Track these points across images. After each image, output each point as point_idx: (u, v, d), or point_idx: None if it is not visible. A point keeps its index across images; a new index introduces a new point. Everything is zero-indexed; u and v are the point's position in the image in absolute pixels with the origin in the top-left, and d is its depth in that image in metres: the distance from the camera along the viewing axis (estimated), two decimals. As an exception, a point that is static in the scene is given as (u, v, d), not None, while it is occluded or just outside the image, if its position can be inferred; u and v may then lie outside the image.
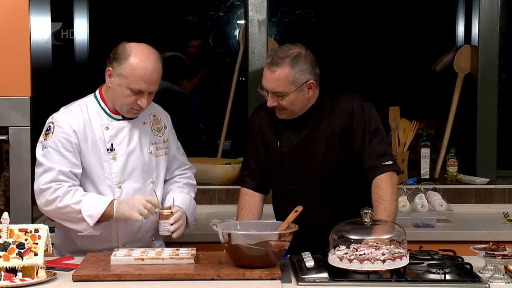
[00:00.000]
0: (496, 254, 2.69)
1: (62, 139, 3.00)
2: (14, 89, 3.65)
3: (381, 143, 3.10)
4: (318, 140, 3.12)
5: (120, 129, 3.08)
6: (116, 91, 3.01)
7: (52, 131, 3.02)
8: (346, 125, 3.10)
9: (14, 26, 3.66)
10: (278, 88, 3.02)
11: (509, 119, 5.04)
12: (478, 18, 4.55)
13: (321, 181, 3.13)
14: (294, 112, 3.09)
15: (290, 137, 3.15)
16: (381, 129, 3.15)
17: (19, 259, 2.57)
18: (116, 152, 3.06)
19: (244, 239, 2.69)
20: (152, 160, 3.14)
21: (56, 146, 3.00)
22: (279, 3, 5.41)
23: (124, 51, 2.98)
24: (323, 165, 3.11)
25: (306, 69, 3.02)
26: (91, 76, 4.88)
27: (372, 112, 3.13)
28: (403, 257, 2.64)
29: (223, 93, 5.03)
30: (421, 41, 5.35)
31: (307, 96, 3.07)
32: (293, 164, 3.16)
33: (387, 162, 3.08)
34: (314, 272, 2.69)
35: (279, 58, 3.01)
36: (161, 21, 5.55)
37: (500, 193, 4.36)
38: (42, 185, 2.97)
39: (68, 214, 2.97)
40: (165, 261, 2.76)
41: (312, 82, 3.05)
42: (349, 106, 3.11)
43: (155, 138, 3.16)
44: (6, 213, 2.67)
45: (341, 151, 3.11)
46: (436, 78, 5.11)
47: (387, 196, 3.03)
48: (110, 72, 3.02)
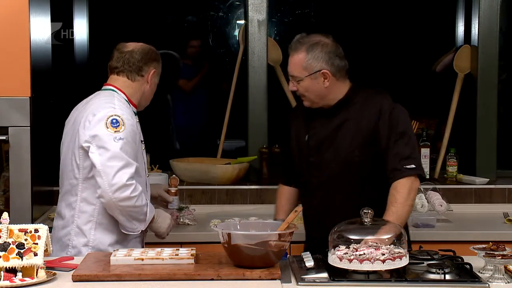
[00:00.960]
0: (496, 254, 2.69)
1: (132, 133, 3.07)
2: (14, 89, 3.66)
3: (406, 146, 3.10)
4: (344, 135, 3.14)
5: (137, 122, 3.21)
6: (154, 89, 3.27)
7: (123, 123, 3.04)
8: (373, 125, 3.11)
9: (14, 26, 3.66)
10: (293, 72, 3.12)
11: (509, 119, 5.04)
12: (478, 18, 4.56)
13: (342, 176, 3.15)
14: (311, 100, 3.14)
15: (318, 131, 3.20)
16: (409, 132, 3.15)
17: (18, 259, 2.57)
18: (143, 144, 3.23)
19: (244, 239, 2.69)
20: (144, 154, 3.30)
21: (130, 139, 3.05)
22: (279, 3, 5.41)
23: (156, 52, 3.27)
24: (345, 161, 3.14)
25: (320, 58, 3.07)
26: (91, 76, 4.88)
27: (401, 114, 3.14)
28: (403, 257, 2.63)
29: (223, 93, 5.03)
30: (421, 41, 5.35)
31: (324, 86, 3.10)
32: (318, 158, 3.19)
33: (410, 165, 3.07)
34: (314, 272, 2.68)
35: (299, 43, 3.10)
36: (160, 21, 5.55)
37: (500, 193, 4.36)
38: (126, 181, 2.97)
39: (136, 214, 3.04)
40: (164, 261, 2.76)
41: (326, 72, 3.08)
42: (378, 106, 3.13)
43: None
44: (6, 213, 2.67)
45: (365, 149, 3.12)
46: (436, 78, 5.11)
47: (401, 199, 3.02)
48: (154, 72, 3.22)
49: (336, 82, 3.12)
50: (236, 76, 4.74)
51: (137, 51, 3.19)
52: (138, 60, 3.18)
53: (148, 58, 3.21)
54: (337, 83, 3.13)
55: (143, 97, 3.24)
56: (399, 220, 2.97)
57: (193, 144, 5.56)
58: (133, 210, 3.02)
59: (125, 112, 3.09)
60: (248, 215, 4.01)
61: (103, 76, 3.20)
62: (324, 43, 3.09)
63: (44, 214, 3.97)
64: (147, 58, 3.20)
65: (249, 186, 4.42)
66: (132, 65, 3.18)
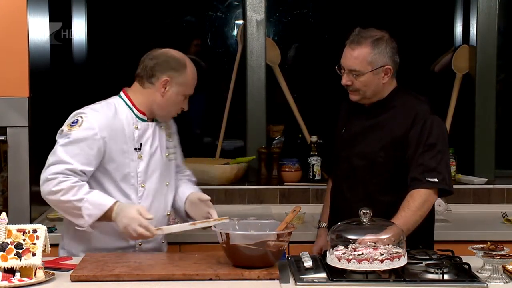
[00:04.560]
0: (494, 254, 2.70)
1: (87, 136, 2.99)
2: (12, 89, 3.65)
3: (433, 159, 3.04)
4: (375, 135, 3.16)
5: (145, 129, 3.11)
6: (171, 99, 3.08)
7: (80, 124, 3.00)
8: (404, 131, 3.10)
9: (12, 26, 3.66)
10: (354, 66, 3.09)
11: (507, 119, 5.04)
12: (476, 18, 4.56)
13: (364, 174, 3.16)
14: (366, 95, 3.14)
15: (353, 126, 3.23)
16: (440, 145, 3.08)
17: (17, 260, 2.57)
18: (142, 152, 3.09)
19: (242, 239, 2.69)
20: (167, 163, 3.19)
21: (79, 140, 2.99)
22: (277, 3, 5.41)
23: (179, 62, 3.09)
24: (369, 160, 3.15)
25: (386, 53, 3.09)
26: (90, 76, 4.88)
27: (434, 126, 3.09)
28: (401, 257, 2.64)
29: (221, 93, 5.02)
30: (419, 41, 5.35)
31: (382, 82, 3.12)
32: (346, 152, 3.22)
33: (433, 179, 3.02)
34: (313, 272, 2.69)
35: (362, 37, 3.09)
36: (159, 21, 5.55)
37: (498, 193, 4.36)
38: (49, 175, 2.96)
39: (68, 209, 2.97)
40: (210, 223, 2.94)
41: (389, 68, 3.11)
42: (413, 113, 3.11)
43: (167, 142, 3.21)
44: (4, 214, 2.67)
45: (390, 152, 3.12)
46: (435, 78, 5.11)
47: (414, 207, 2.99)
48: (167, 81, 3.06)
49: (391, 79, 3.15)
50: (234, 76, 4.74)
51: (155, 57, 3.09)
52: (151, 67, 3.08)
53: (164, 66, 3.07)
54: (390, 80, 3.15)
55: (156, 106, 3.10)
56: (406, 226, 2.92)
57: (192, 144, 5.55)
58: (63, 206, 2.96)
59: (99, 116, 3.02)
60: (247, 215, 4.00)
61: (101, 77, 3.20)
62: (388, 38, 3.12)
63: (43, 215, 3.97)
64: (163, 66, 3.06)
65: (248, 186, 4.42)
66: (145, 71, 3.10)
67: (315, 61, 5.28)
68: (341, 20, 5.50)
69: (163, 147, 3.17)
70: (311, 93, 5.27)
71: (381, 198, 3.12)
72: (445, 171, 3.08)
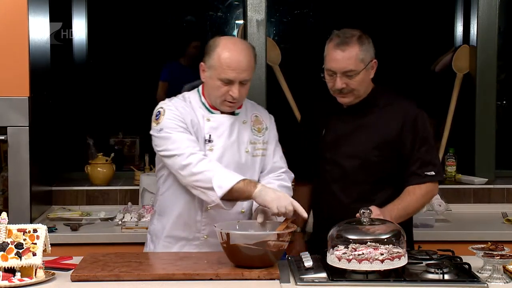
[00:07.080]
0: (494, 254, 2.70)
1: (176, 118, 3.00)
2: (13, 89, 3.65)
3: (427, 152, 3.15)
4: (365, 134, 3.16)
5: (221, 123, 3.07)
6: (209, 84, 3.04)
7: (163, 113, 3.01)
8: (396, 129, 3.13)
9: (13, 26, 3.66)
10: (349, 66, 3.08)
11: (507, 119, 5.04)
12: (476, 18, 4.56)
13: (357, 174, 3.16)
14: (359, 95, 3.15)
15: (336, 127, 3.21)
16: (430, 137, 3.20)
17: (17, 259, 2.57)
18: (214, 144, 3.05)
19: (242, 239, 2.69)
20: (248, 159, 3.10)
21: (171, 124, 2.99)
22: (277, 3, 5.42)
23: (213, 44, 3.03)
24: (361, 160, 3.15)
25: (370, 48, 3.14)
26: (90, 76, 4.88)
27: (424, 120, 3.18)
28: (401, 257, 2.63)
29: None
30: (420, 41, 5.36)
31: (369, 77, 3.15)
32: (333, 154, 3.20)
33: (430, 172, 3.12)
34: (313, 272, 2.68)
35: (347, 37, 3.11)
36: (160, 21, 5.55)
37: (498, 193, 4.36)
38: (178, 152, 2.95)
39: (199, 181, 2.91)
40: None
41: (375, 62, 3.15)
42: (402, 111, 3.16)
43: (254, 138, 3.14)
44: (4, 213, 2.67)
45: (384, 151, 3.14)
46: (435, 78, 5.11)
47: (418, 194, 3.10)
48: (203, 66, 3.05)
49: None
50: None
51: None
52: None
53: (205, 51, 3.07)
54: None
55: (208, 95, 3.07)
56: (406, 210, 3.03)
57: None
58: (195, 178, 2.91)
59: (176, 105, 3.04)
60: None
61: (101, 76, 3.20)
62: (365, 35, 3.15)
63: (43, 214, 3.97)
64: (204, 52, 3.07)
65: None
66: None
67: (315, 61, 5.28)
68: (341, 20, 5.51)
69: (243, 141, 3.09)
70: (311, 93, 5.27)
71: (375, 196, 3.13)
72: (438, 161, 3.21)
